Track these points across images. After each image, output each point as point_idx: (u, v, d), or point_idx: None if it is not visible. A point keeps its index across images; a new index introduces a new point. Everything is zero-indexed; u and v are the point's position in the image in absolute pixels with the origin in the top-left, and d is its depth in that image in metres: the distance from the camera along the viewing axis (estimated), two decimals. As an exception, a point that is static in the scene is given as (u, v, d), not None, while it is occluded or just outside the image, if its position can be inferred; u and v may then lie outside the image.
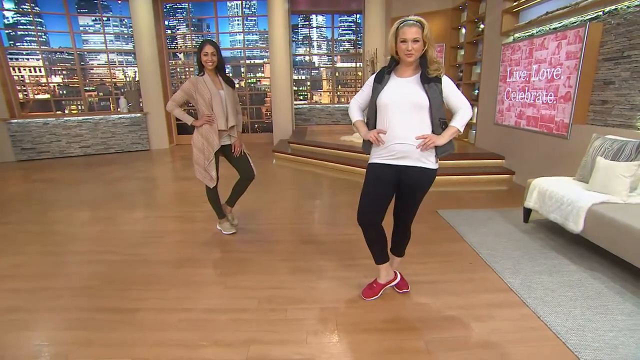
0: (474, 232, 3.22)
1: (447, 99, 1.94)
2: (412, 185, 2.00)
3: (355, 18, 9.91)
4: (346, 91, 10.44)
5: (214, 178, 3.02)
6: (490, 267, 2.61)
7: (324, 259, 2.79)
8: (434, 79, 1.87)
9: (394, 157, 1.97)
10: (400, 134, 1.92)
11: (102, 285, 2.45)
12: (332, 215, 3.85)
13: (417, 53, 1.84)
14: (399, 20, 1.87)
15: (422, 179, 1.99)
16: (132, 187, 5.23)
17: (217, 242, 3.14)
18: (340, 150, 6.23)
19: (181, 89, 2.91)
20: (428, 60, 1.86)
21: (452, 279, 2.48)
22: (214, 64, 2.86)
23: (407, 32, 1.80)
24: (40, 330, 2.01)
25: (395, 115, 1.91)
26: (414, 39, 1.80)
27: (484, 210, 3.78)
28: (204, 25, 9.38)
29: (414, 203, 2.06)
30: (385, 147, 1.97)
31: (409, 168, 1.96)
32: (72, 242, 3.23)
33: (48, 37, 8.22)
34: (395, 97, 1.90)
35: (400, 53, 1.87)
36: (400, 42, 1.84)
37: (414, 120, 1.90)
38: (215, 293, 2.34)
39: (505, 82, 5.03)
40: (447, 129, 1.94)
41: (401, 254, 2.32)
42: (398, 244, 2.26)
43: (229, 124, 2.95)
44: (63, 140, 7.59)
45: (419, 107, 1.88)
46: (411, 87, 1.89)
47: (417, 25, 1.81)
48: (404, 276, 2.37)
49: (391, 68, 1.98)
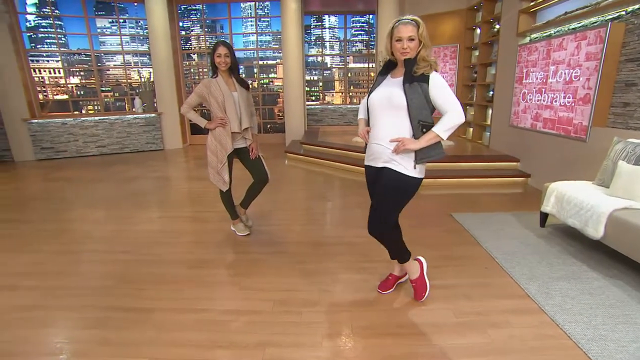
0: (489, 235, 3.17)
1: (433, 100, 1.83)
2: (382, 187, 1.95)
3: (368, 18, 9.86)
4: (358, 92, 10.39)
5: (227, 182, 3.02)
6: (506, 272, 2.56)
7: (337, 260, 2.78)
8: (419, 78, 1.80)
9: (373, 158, 1.99)
10: (378, 135, 1.92)
11: (118, 284, 2.48)
12: (343, 216, 3.83)
13: (413, 52, 1.81)
14: (394, 20, 1.86)
15: (393, 183, 1.91)
16: (147, 187, 5.29)
17: (230, 243, 3.15)
18: (352, 152, 6.21)
19: (194, 92, 2.93)
20: (418, 58, 1.82)
21: (467, 284, 2.44)
22: (227, 66, 2.85)
23: (402, 30, 1.79)
24: (59, 328, 2.05)
25: (377, 115, 1.92)
26: (409, 37, 1.78)
27: (499, 214, 3.71)
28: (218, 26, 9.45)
29: (381, 203, 1.97)
30: (369, 147, 2.01)
31: (382, 170, 1.94)
32: (88, 241, 3.28)
33: (67, 39, 8.38)
34: (377, 97, 1.90)
35: (395, 52, 1.85)
36: (395, 41, 1.82)
37: (392, 121, 1.87)
38: (230, 294, 2.35)
39: (521, 84, 4.94)
40: (426, 134, 1.83)
41: (399, 258, 2.19)
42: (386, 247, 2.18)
43: (242, 126, 2.95)
44: (80, 140, 7.74)
45: (397, 108, 1.84)
46: (393, 87, 1.86)
47: (412, 24, 1.79)
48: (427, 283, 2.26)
49: (387, 69, 1.97)
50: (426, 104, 1.84)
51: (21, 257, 2.96)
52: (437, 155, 1.91)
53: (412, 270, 2.23)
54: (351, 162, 5.88)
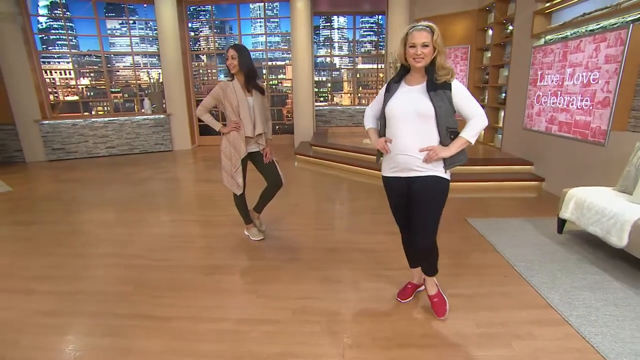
0: (506, 242, 3.12)
1: (458, 107, 1.84)
2: (420, 196, 1.91)
3: (377, 19, 9.81)
4: (367, 93, 10.34)
5: (241, 185, 3.01)
6: (526, 281, 2.51)
7: (353, 268, 2.75)
8: (442, 86, 1.80)
9: (399, 169, 1.94)
10: (404, 145, 1.88)
11: (134, 290, 2.48)
12: (357, 221, 3.80)
13: (427, 58, 1.78)
14: (408, 26, 1.83)
15: (431, 189, 1.89)
16: (157, 188, 5.31)
17: (244, 248, 3.14)
18: (362, 154, 6.17)
19: (210, 95, 2.91)
20: (436, 66, 1.80)
21: (487, 293, 2.40)
22: (235, 68, 2.80)
23: (416, 36, 1.76)
24: (78, 335, 2.05)
25: (400, 125, 1.88)
26: (423, 43, 1.75)
27: (515, 219, 3.66)
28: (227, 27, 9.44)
29: (425, 215, 1.93)
30: (391, 158, 1.96)
31: (416, 179, 1.91)
32: (101, 245, 3.28)
33: (78, 41, 8.43)
34: (399, 106, 1.86)
35: (409, 59, 1.82)
36: (409, 47, 1.79)
37: (419, 131, 1.85)
38: (247, 302, 2.33)
39: (536, 86, 4.87)
40: (455, 140, 1.84)
41: (431, 272, 2.13)
42: (422, 261, 2.13)
43: (256, 132, 2.92)
44: (90, 141, 7.79)
45: (424, 117, 1.82)
46: (416, 96, 1.83)
47: (426, 30, 1.76)
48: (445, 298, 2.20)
49: (400, 76, 1.94)
50: (452, 111, 1.84)
51: (37, 260, 2.97)
52: (463, 160, 1.92)
53: (430, 285, 2.18)
54: (362, 165, 5.84)
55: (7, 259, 3.02)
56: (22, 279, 2.65)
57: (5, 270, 2.82)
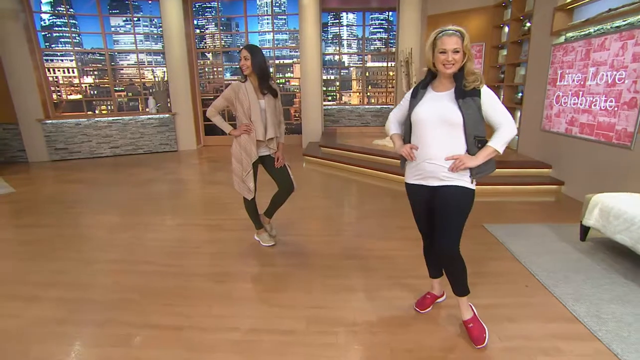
0: (526, 249, 3.08)
1: (486, 114, 1.82)
2: (444, 206, 1.90)
3: (387, 16, 9.76)
4: (377, 92, 10.31)
5: (252, 190, 3.00)
6: (549, 291, 2.48)
7: (368, 276, 2.73)
8: (471, 93, 1.78)
9: (423, 177, 1.94)
10: (430, 153, 1.87)
11: (143, 298, 2.48)
12: (370, 226, 3.77)
13: (458, 64, 1.77)
14: (436, 30, 1.81)
15: (455, 199, 1.87)
16: (163, 191, 5.32)
17: (255, 254, 3.13)
18: (373, 155, 6.15)
19: (222, 96, 2.91)
20: (465, 72, 1.79)
21: (508, 304, 2.37)
22: (249, 70, 2.79)
23: (446, 42, 1.74)
24: (87, 346, 2.05)
25: (426, 132, 1.86)
26: (454, 49, 1.74)
27: (533, 225, 3.62)
28: (233, 24, 9.45)
29: (449, 225, 1.91)
30: (416, 165, 1.95)
31: (440, 188, 1.90)
32: (108, 250, 3.29)
33: (81, 38, 8.50)
34: (426, 113, 1.85)
35: (438, 65, 1.80)
36: (439, 52, 1.77)
37: (446, 139, 1.83)
38: (260, 311, 2.32)
39: (555, 86, 4.81)
40: (483, 149, 1.82)
41: (459, 291, 2.03)
42: (448, 275, 2.06)
43: (267, 136, 2.91)
44: (94, 141, 7.84)
45: (451, 125, 1.80)
46: (444, 103, 1.82)
47: (457, 35, 1.75)
48: (483, 324, 2.04)
49: (427, 81, 1.93)
50: (480, 119, 1.82)
51: (42, 265, 2.99)
52: (491, 170, 1.89)
53: (464, 307, 2.07)
54: (372, 167, 5.82)
55: (12, 264, 3.04)
56: (28, 285, 2.67)
57: (10, 276, 2.84)
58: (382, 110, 9.83)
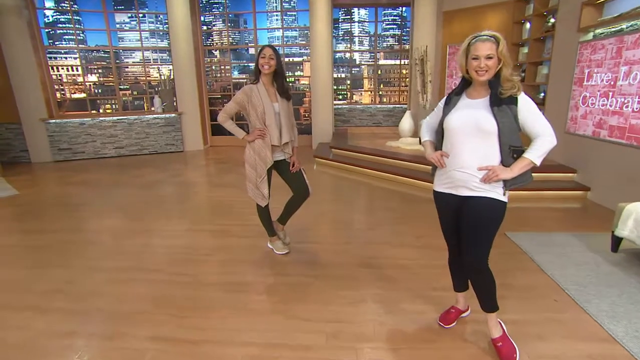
0: (553, 260, 3.03)
1: (524, 124, 1.79)
2: (473, 218, 1.87)
3: (400, 11, 9.72)
4: (389, 90, 10.27)
5: (266, 196, 2.99)
6: (581, 307, 2.42)
7: (388, 287, 2.70)
8: (508, 100, 1.76)
9: (453, 186, 1.93)
10: (461, 162, 1.85)
11: (155, 309, 2.47)
12: (386, 233, 3.74)
13: (491, 71, 1.75)
14: (470, 36, 1.80)
15: (485, 212, 1.85)
16: (170, 193, 5.34)
17: (268, 263, 3.12)
18: (387, 158, 6.11)
19: (233, 100, 2.90)
20: (501, 79, 1.76)
21: (536, 320, 2.32)
22: (271, 69, 2.81)
23: (479, 48, 1.73)
24: (99, 359, 2.04)
25: (459, 140, 1.85)
26: (487, 55, 1.72)
27: (559, 234, 3.56)
28: (241, 20, 9.49)
29: (478, 238, 1.89)
30: (446, 173, 1.94)
31: (470, 199, 1.87)
32: (116, 256, 3.30)
33: (85, 35, 8.58)
34: (459, 120, 1.84)
35: (471, 71, 1.79)
36: (471, 59, 1.76)
37: (480, 148, 1.81)
38: (276, 324, 2.30)
39: (582, 86, 4.73)
40: (518, 160, 1.79)
41: (487, 306, 2.00)
42: (476, 290, 2.02)
43: (283, 140, 2.91)
44: (98, 141, 7.91)
45: (486, 133, 1.78)
46: (478, 111, 1.80)
47: (491, 41, 1.72)
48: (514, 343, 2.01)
49: (461, 88, 1.92)
50: (517, 128, 1.79)
51: (48, 273, 3.01)
52: (526, 181, 1.86)
53: (493, 325, 2.04)
54: (386, 170, 5.79)
55: (18, 271, 3.06)
56: (35, 295, 2.68)
57: (17, 284, 2.85)
58: (394, 109, 9.79)
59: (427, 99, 7.34)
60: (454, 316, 2.28)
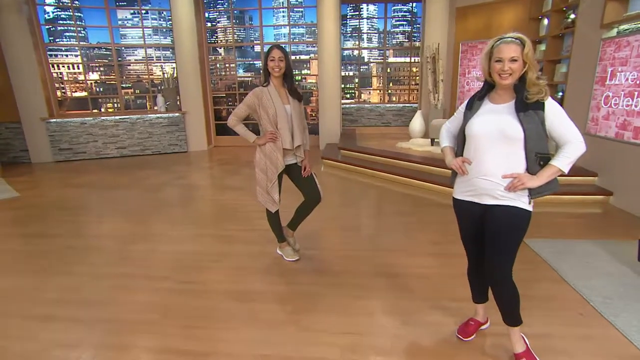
0: (576, 270, 2.98)
1: (551, 130, 1.77)
2: (496, 227, 1.85)
3: (411, 7, 9.68)
4: (398, 89, 10.23)
5: (277, 201, 2.98)
6: (608, 322, 2.37)
7: (403, 297, 2.67)
8: (534, 106, 1.73)
9: (475, 194, 1.90)
10: (485, 169, 1.83)
11: (163, 319, 2.46)
12: (399, 240, 3.71)
13: (515, 74, 1.72)
14: (494, 38, 1.77)
15: (509, 221, 1.82)
16: (175, 196, 5.35)
17: (279, 270, 3.10)
18: (398, 160, 6.08)
19: (244, 103, 2.89)
20: (527, 83, 1.74)
21: (561, 334, 2.28)
22: (281, 71, 2.81)
23: (503, 50, 1.70)
24: (107, 372, 2.04)
25: (482, 146, 1.82)
26: (512, 58, 1.69)
27: (581, 242, 3.50)
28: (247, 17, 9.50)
29: (501, 248, 1.86)
30: (468, 180, 1.91)
31: (493, 207, 1.85)
32: (122, 263, 3.30)
33: (87, 32, 8.63)
34: (483, 126, 1.81)
35: (494, 75, 1.76)
36: (494, 62, 1.73)
37: (504, 155, 1.79)
38: (290, 336, 2.28)
39: (604, 85, 4.67)
40: (545, 168, 1.76)
41: (510, 320, 1.98)
42: (498, 303, 1.99)
43: (295, 143, 2.89)
44: (99, 141, 7.94)
45: (511, 140, 1.75)
46: (503, 116, 1.78)
47: (516, 43, 1.70)
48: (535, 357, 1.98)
49: (483, 93, 1.89)
50: (543, 134, 1.76)
51: (53, 280, 3.01)
52: (553, 189, 1.83)
53: (516, 339, 2.01)
54: (397, 172, 5.76)
55: (23, 279, 3.06)
56: (40, 303, 2.68)
57: (22, 292, 2.85)
58: (404, 109, 9.75)
59: (439, 99, 7.31)
60: (473, 328, 2.25)
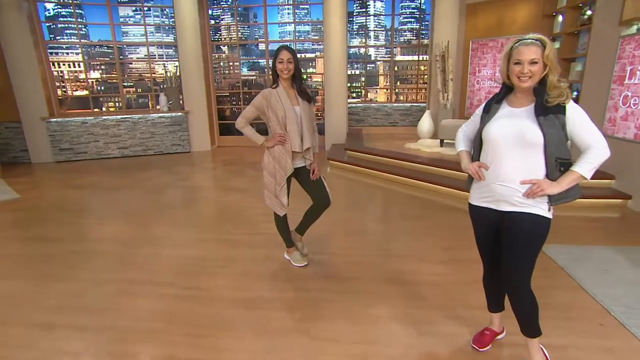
0: (594, 278, 2.93)
1: (572, 134, 1.73)
2: (514, 235, 1.82)
3: (419, 4, 9.65)
4: (406, 88, 10.20)
5: (285, 205, 2.96)
6: (631, 333, 2.32)
7: (416, 305, 2.64)
8: (555, 109, 1.70)
9: (492, 200, 1.88)
10: (503, 174, 1.80)
11: (168, 327, 2.44)
12: (409, 245, 3.68)
13: (535, 77, 1.69)
14: (514, 39, 1.74)
15: (527, 229, 1.80)
16: (178, 198, 5.34)
17: (287, 276, 3.08)
18: (407, 161, 6.05)
19: (252, 104, 2.88)
20: (547, 86, 1.70)
21: (581, 346, 2.24)
22: (290, 73, 2.80)
23: (523, 52, 1.67)
24: (111, 382, 2.02)
25: (500, 152, 1.80)
26: (531, 60, 1.66)
27: (598, 247, 3.46)
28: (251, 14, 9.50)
29: (519, 256, 1.84)
30: (485, 186, 1.89)
31: (511, 214, 1.82)
32: (124, 268, 3.29)
33: (88, 30, 8.66)
34: (501, 131, 1.79)
35: (512, 77, 1.73)
36: (513, 64, 1.71)
37: (523, 160, 1.76)
38: (299, 345, 2.26)
39: (622, 85, 4.62)
40: (566, 174, 1.72)
41: (529, 331, 1.96)
42: (516, 313, 1.96)
43: (304, 146, 2.87)
44: (101, 141, 7.96)
45: (530, 145, 1.73)
46: (522, 120, 1.75)
47: (536, 44, 1.67)
48: None
49: (501, 96, 1.86)
50: (564, 139, 1.72)
51: (56, 286, 3.00)
52: (574, 196, 1.79)
53: (535, 351, 1.99)
54: (405, 174, 5.74)
55: (24, 285, 3.05)
56: (42, 310, 2.67)
57: (23, 299, 2.84)
58: (411, 108, 9.71)
59: (448, 98, 7.27)
60: (488, 338, 2.22)
